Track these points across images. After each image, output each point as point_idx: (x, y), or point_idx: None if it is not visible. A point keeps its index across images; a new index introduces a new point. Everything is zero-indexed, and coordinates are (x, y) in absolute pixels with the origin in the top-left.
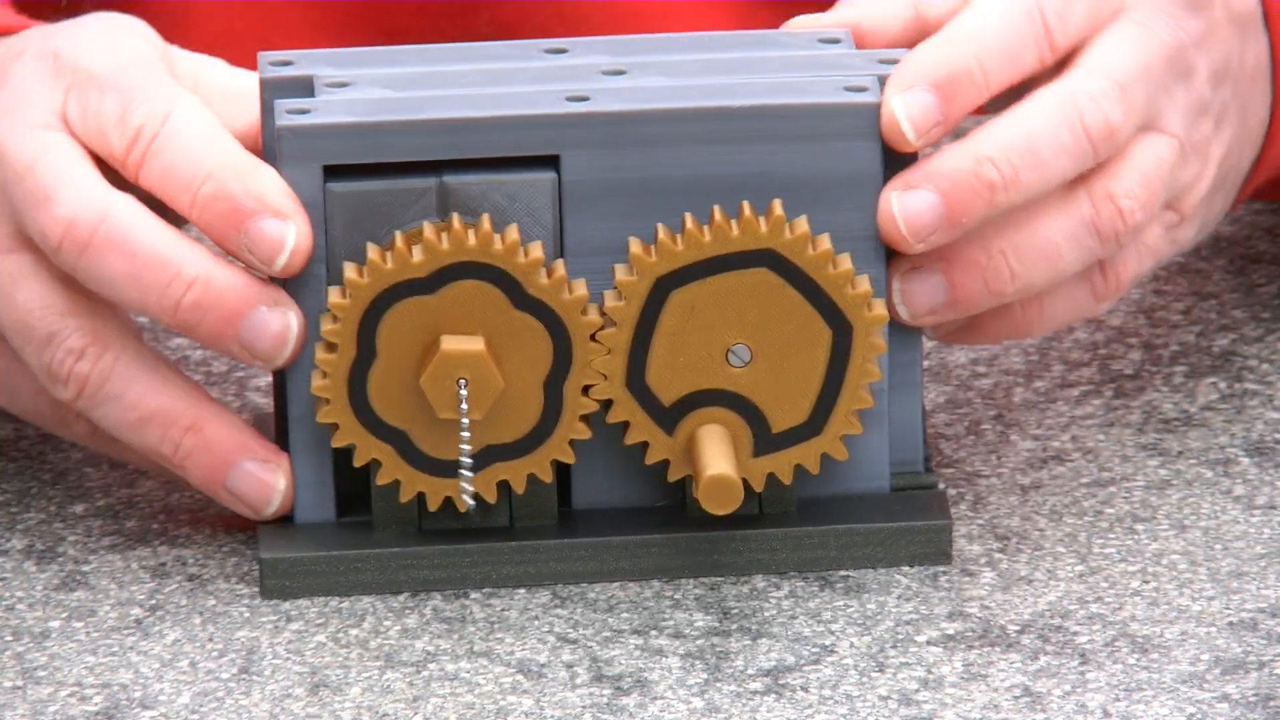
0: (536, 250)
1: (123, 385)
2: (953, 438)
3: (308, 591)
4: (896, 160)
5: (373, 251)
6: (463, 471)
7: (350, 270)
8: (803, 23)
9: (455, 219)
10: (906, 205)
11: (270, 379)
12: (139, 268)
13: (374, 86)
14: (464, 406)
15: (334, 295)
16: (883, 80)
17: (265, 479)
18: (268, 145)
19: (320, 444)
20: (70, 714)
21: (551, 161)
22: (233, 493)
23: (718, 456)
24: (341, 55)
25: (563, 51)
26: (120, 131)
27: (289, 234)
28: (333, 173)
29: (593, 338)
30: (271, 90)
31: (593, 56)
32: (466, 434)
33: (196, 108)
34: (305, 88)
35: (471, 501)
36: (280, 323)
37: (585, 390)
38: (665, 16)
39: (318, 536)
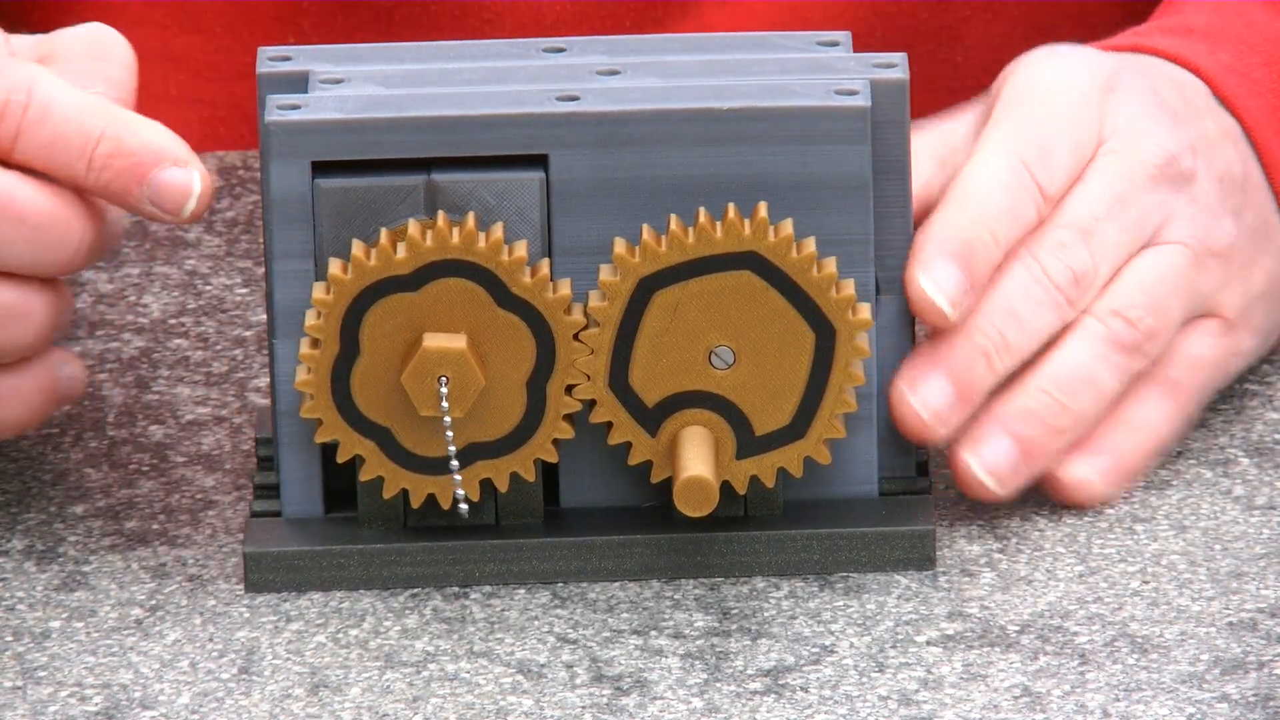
0: (520, 249)
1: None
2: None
3: (292, 586)
4: (888, 162)
5: (357, 248)
6: (454, 475)
7: (335, 266)
8: None
9: (440, 217)
10: (986, 461)
11: (270, 379)
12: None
13: (368, 83)
14: (445, 404)
15: (318, 291)
16: (875, 84)
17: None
18: (260, 140)
19: (308, 439)
20: (70, 714)
21: (540, 161)
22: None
23: (695, 458)
24: (339, 51)
25: (561, 50)
26: None
27: (194, 180)
28: (322, 169)
29: (576, 337)
30: (267, 85)
31: (590, 56)
32: (451, 434)
33: (53, 76)
34: (301, 83)
35: (464, 506)
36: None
37: (568, 390)
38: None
39: (303, 531)
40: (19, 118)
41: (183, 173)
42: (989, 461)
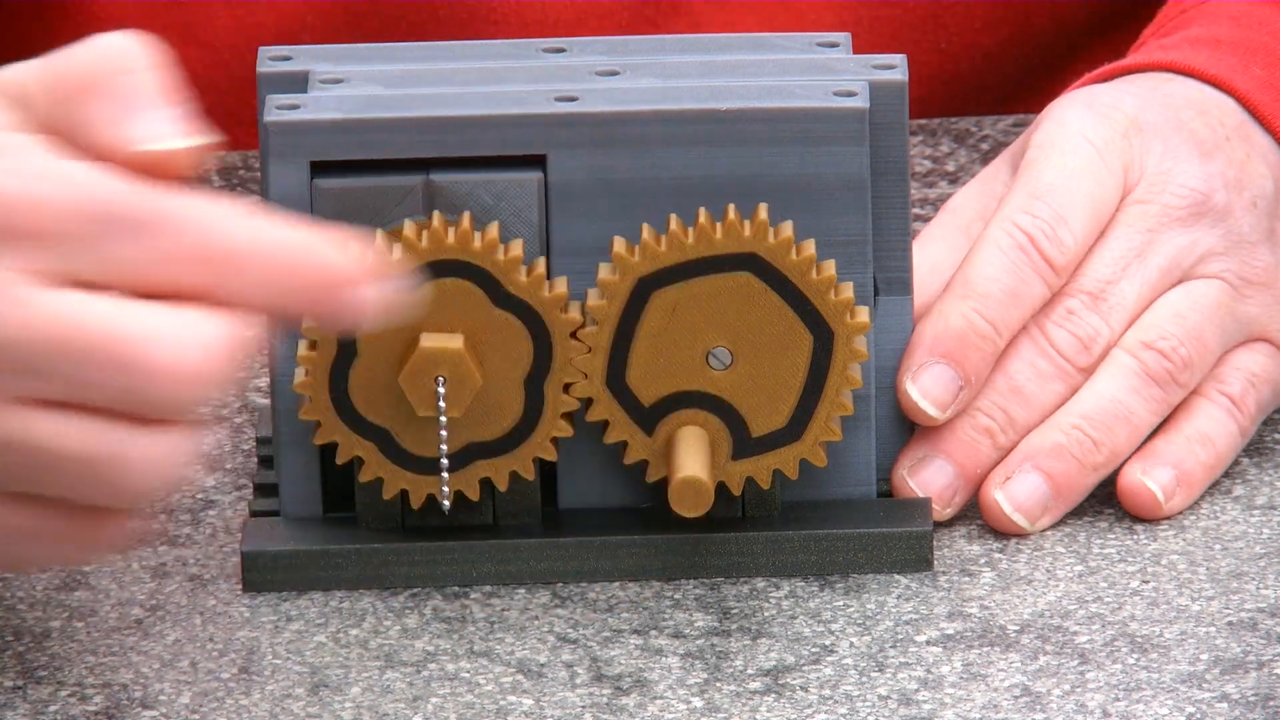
0: (516, 248)
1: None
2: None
3: (289, 585)
4: (887, 164)
5: None
6: (442, 474)
7: None
8: None
9: (436, 217)
10: (1016, 496)
11: (269, 379)
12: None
13: (367, 83)
14: (442, 404)
15: None
16: (874, 85)
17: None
18: (260, 140)
19: (307, 439)
20: (70, 714)
21: (538, 161)
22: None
23: (690, 459)
24: (339, 51)
25: (560, 51)
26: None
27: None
28: (320, 169)
29: (574, 336)
30: (267, 85)
31: (590, 56)
32: (444, 433)
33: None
34: (301, 83)
35: (446, 503)
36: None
37: (566, 388)
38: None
39: (302, 531)
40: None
41: (366, 290)
42: (1019, 498)
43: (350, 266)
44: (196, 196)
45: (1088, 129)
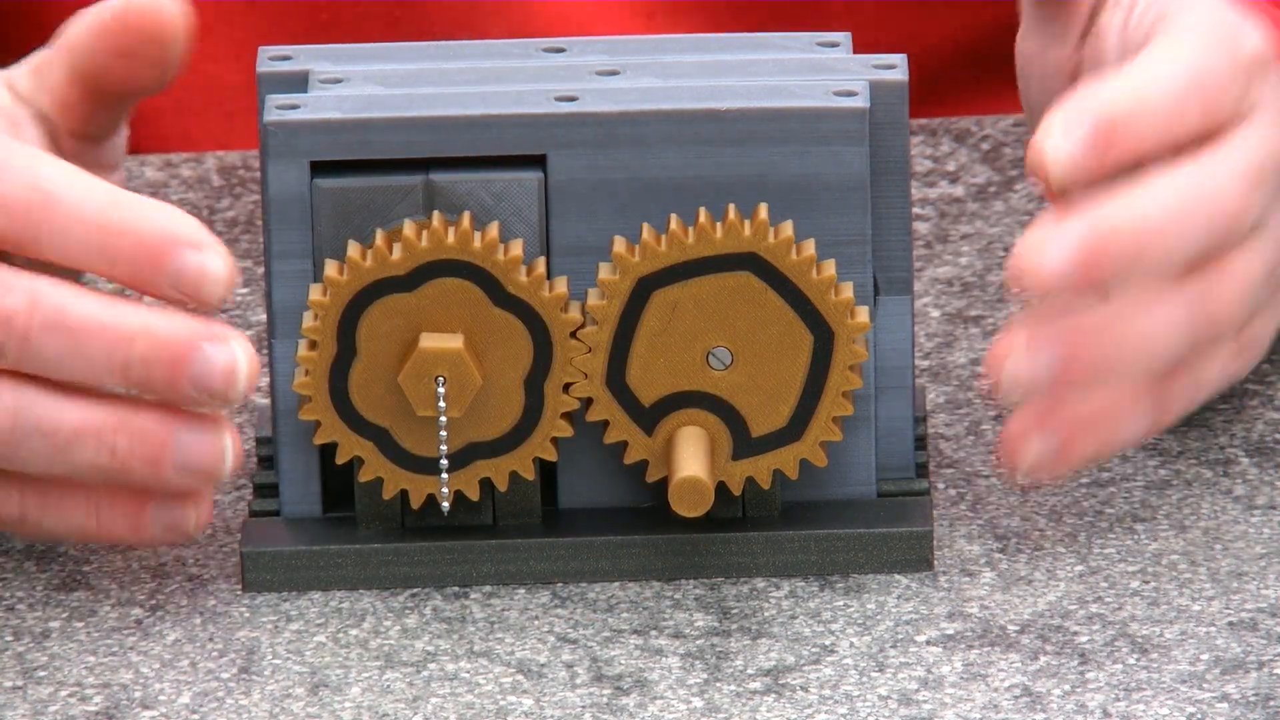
0: (516, 248)
1: (37, 414)
2: (952, 438)
3: (288, 585)
4: (888, 163)
5: (353, 249)
6: (441, 474)
7: (331, 268)
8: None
9: (436, 216)
10: (1047, 253)
11: (269, 379)
12: (80, 341)
13: (367, 83)
14: (442, 404)
15: (315, 293)
16: (874, 85)
17: (209, 440)
18: (259, 140)
19: (306, 439)
20: (70, 714)
21: (539, 161)
22: (181, 468)
23: (691, 459)
24: (339, 51)
25: (560, 51)
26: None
27: (212, 261)
28: (320, 169)
29: (574, 336)
30: (267, 85)
31: (590, 56)
32: (444, 433)
33: (57, 163)
34: (301, 83)
35: (446, 503)
36: (227, 357)
37: (566, 388)
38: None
39: (301, 531)
40: (27, 213)
41: (199, 255)
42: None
43: (177, 231)
44: (40, 153)
45: (1234, 35)
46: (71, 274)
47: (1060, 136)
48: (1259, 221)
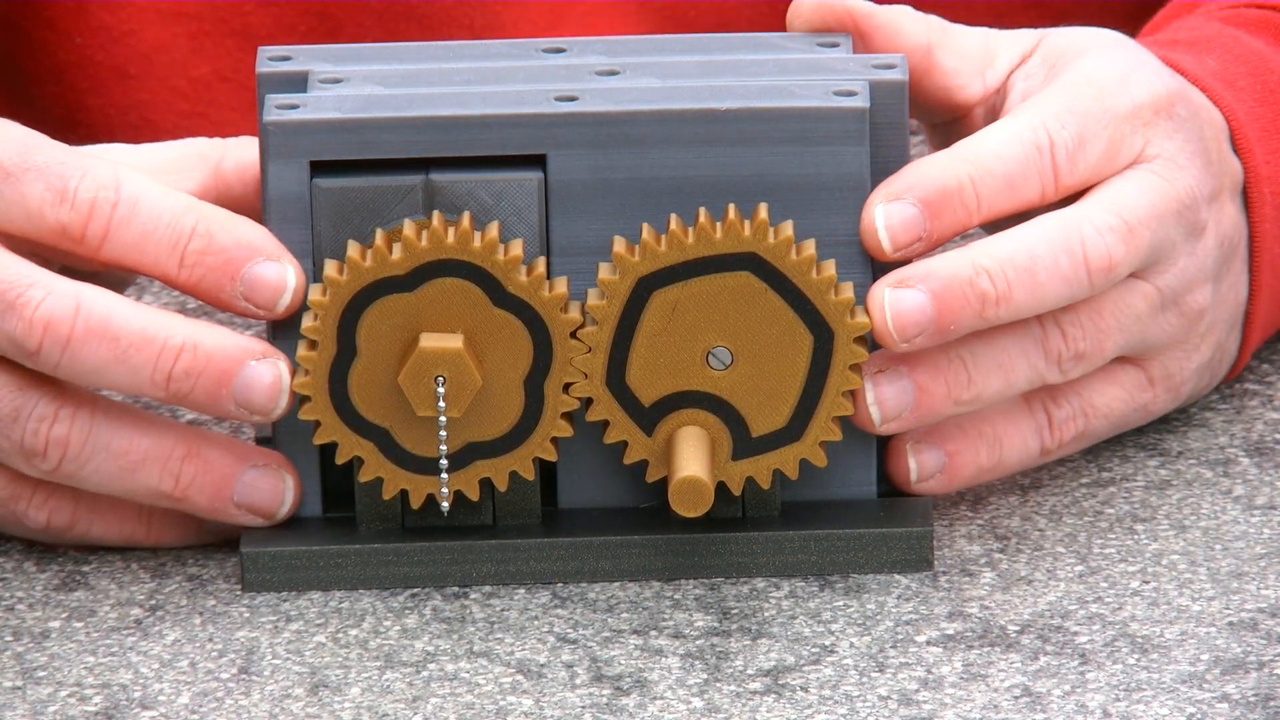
0: (516, 248)
1: (107, 435)
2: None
3: (289, 585)
4: (888, 163)
5: (353, 249)
6: (441, 475)
7: (330, 268)
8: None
9: (436, 216)
10: (898, 303)
11: None
12: (124, 350)
13: (366, 83)
14: (442, 404)
15: (315, 293)
16: (874, 85)
17: (272, 481)
18: (259, 140)
19: (306, 439)
20: (70, 714)
21: (538, 161)
22: (242, 504)
23: (691, 459)
24: (339, 51)
25: (560, 51)
26: (66, 210)
27: (288, 275)
28: (320, 168)
29: (574, 336)
30: (266, 85)
31: (589, 56)
32: (444, 433)
33: (139, 173)
34: (300, 83)
35: (446, 503)
36: (272, 374)
37: (566, 388)
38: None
39: (301, 531)
40: (108, 215)
41: (276, 267)
42: (900, 310)
43: (253, 240)
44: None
45: (1133, 81)
46: (118, 288)
47: (885, 207)
48: (1147, 264)
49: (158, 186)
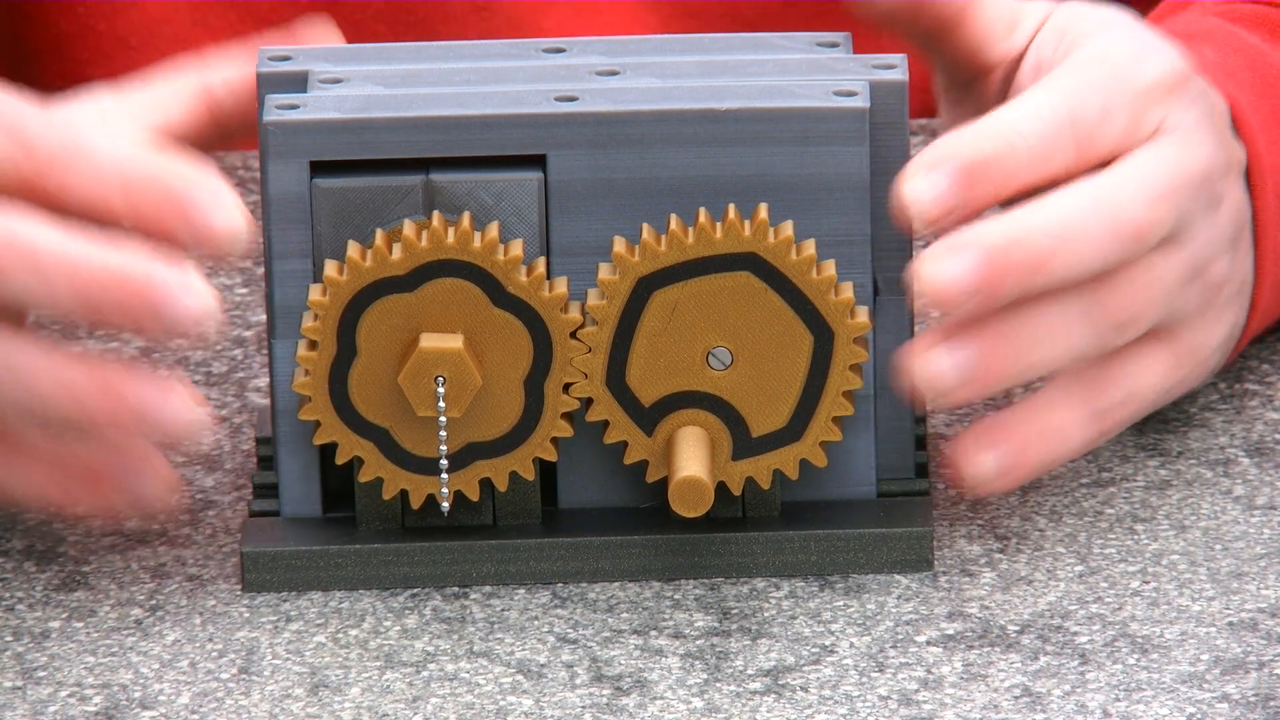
0: (516, 248)
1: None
2: (953, 438)
3: (289, 585)
4: (887, 163)
5: (353, 249)
6: (441, 475)
7: (330, 268)
8: None
9: (436, 216)
10: (948, 270)
11: (269, 379)
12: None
13: (366, 83)
14: (442, 404)
15: (315, 293)
16: (874, 85)
17: (178, 397)
18: (259, 140)
19: (306, 439)
20: (70, 714)
21: (539, 161)
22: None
23: (691, 459)
24: (339, 51)
25: (560, 51)
26: (23, 154)
27: (233, 212)
28: (320, 169)
29: (574, 336)
30: (266, 85)
31: (589, 57)
32: (444, 433)
33: (90, 107)
34: (300, 83)
35: (446, 504)
36: (200, 297)
37: (566, 388)
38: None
39: (301, 531)
40: (52, 157)
41: (222, 207)
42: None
43: (201, 182)
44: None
45: (1146, 59)
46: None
47: (921, 179)
48: (1174, 233)
49: (106, 131)
